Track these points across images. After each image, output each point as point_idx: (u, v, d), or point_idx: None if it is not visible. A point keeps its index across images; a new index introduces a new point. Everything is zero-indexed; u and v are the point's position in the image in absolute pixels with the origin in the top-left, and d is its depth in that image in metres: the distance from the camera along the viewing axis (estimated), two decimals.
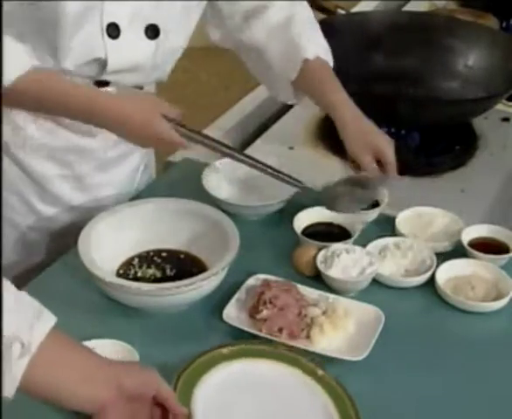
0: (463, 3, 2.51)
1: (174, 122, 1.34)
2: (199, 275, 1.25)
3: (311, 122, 1.86)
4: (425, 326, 1.29)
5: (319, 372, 1.14)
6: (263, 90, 1.99)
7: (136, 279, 1.31)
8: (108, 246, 1.32)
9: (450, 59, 1.94)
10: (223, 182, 1.52)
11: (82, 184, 1.49)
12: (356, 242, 1.40)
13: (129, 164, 1.55)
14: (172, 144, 1.35)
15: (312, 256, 1.35)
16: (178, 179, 1.62)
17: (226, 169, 1.55)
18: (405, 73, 1.93)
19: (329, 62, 1.55)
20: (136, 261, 1.35)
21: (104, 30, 1.31)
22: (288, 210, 1.48)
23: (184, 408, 1.04)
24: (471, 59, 1.92)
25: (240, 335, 1.23)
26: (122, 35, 1.33)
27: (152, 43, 1.37)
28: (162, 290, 1.24)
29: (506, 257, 1.40)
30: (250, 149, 1.75)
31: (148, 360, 1.14)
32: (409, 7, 2.53)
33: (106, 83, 1.39)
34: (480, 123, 1.85)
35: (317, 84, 1.52)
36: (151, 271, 1.33)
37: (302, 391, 1.12)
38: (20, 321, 0.93)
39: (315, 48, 1.53)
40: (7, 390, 0.91)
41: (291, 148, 1.76)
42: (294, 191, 1.49)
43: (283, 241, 1.43)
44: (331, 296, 1.30)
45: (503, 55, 1.86)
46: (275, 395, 1.12)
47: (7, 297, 0.94)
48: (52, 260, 1.40)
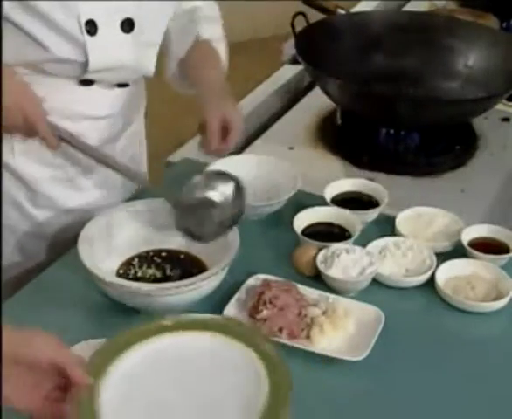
0: (463, 3, 2.51)
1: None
2: (199, 275, 1.25)
3: (311, 122, 1.86)
4: (425, 326, 1.29)
5: (261, 345, 1.08)
6: (263, 90, 1.99)
7: (136, 279, 1.31)
8: (108, 246, 1.32)
9: (450, 59, 1.94)
10: None
11: (74, 186, 1.47)
12: (356, 242, 1.40)
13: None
14: (40, 133, 1.31)
15: (312, 256, 1.35)
16: (178, 179, 1.62)
17: (226, 169, 1.55)
18: (405, 73, 1.93)
19: (221, 52, 1.55)
20: (136, 261, 1.35)
21: (83, 27, 1.31)
22: (288, 210, 1.48)
23: (87, 377, 0.99)
24: (471, 59, 1.92)
25: None
26: (100, 31, 1.32)
27: (128, 37, 1.36)
28: (162, 290, 1.24)
29: (506, 257, 1.40)
30: (250, 149, 1.75)
31: None
32: (409, 7, 2.53)
33: (90, 82, 1.38)
34: (480, 123, 1.85)
35: (196, 58, 1.53)
36: (151, 271, 1.33)
37: (237, 361, 1.07)
38: None
39: (209, 33, 1.54)
40: None
41: (291, 148, 1.76)
42: (294, 191, 1.49)
43: (283, 241, 1.43)
44: (331, 296, 1.30)
45: (503, 55, 1.86)
46: (198, 368, 1.07)
47: None
48: (52, 260, 1.40)
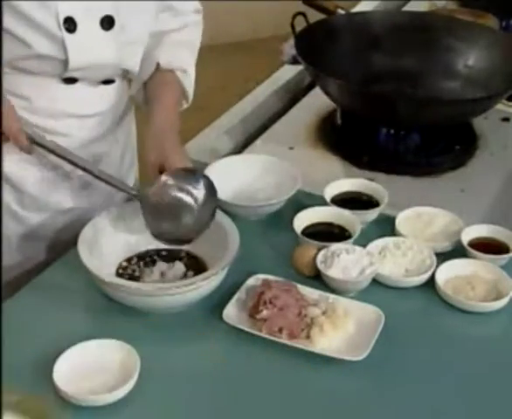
0: (463, 3, 2.51)
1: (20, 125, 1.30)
2: (199, 275, 1.25)
3: (311, 122, 1.86)
4: (425, 326, 1.29)
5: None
6: (263, 90, 1.99)
7: (136, 279, 1.31)
8: (108, 246, 1.32)
9: (450, 59, 1.93)
10: (223, 182, 1.52)
11: (61, 187, 1.45)
12: (356, 242, 1.40)
13: (107, 164, 1.49)
14: (12, 134, 1.29)
15: (312, 256, 1.35)
16: None
17: (226, 169, 1.55)
18: (405, 73, 1.93)
19: (184, 84, 1.51)
20: (136, 261, 1.35)
21: (61, 25, 1.30)
22: (288, 210, 1.48)
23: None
24: (471, 59, 1.92)
25: (240, 335, 1.23)
26: (79, 28, 1.31)
27: (108, 34, 1.35)
28: (161, 290, 1.24)
29: (506, 257, 1.40)
30: (250, 149, 1.76)
31: (148, 360, 1.15)
32: (409, 7, 2.53)
33: (74, 80, 1.37)
34: (480, 123, 1.85)
35: (151, 92, 1.48)
36: (151, 271, 1.33)
37: None
38: None
39: (176, 63, 1.50)
40: None
41: (291, 148, 1.76)
42: (294, 191, 1.49)
43: (283, 241, 1.43)
44: (331, 296, 1.30)
45: (503, 55, 1.86)
46: None
47: None
48: (52, 261, 1.40)
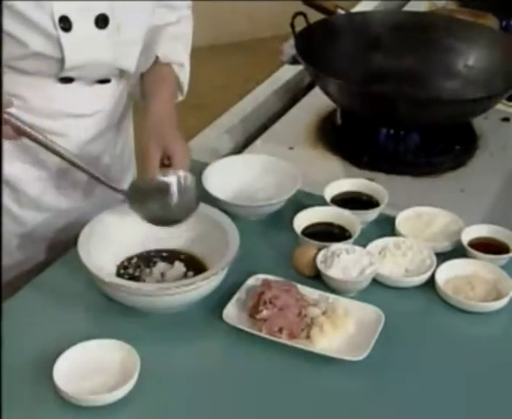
0: (463, 3, 2.51)
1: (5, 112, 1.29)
2: (199, 275, 1.25)
3: (311, 122, 1.86)
4: (425, 326, 1.30)
5: None
6: (263, 90, 1.99)
7: (136, 279, 1.31)
8: (108, 246, 1.32)
9: (450, 59, 1.93)
10: (223, 182, 1.52)
11: (60, 185, 1.45)
12: (356, 242, 1.40)
13: (99, 165, 1.49)
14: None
15: (312, 256, 1.35)
16: None
17: (226, 169, 1.55)
18: (405, 73, 1.93)
19: (181, 77, 1.53)
20: (136, 261, 1.35)
21: (56, 24, 1.30)
22: (288, 210, 1.48)
23: None
24: (471, 59, 1.92)
25: (240, 335, 1.23)
26: (74, 27, 1.31)
27: (103, 33, 1.35)
28: (161, 290, 1.24)
29: (506, 257, 1.40)
30: (250, 149, 1.75)
31: (148, 360, 1.15)
32: (409, 7, 2.53)
33: (70, 79, 1.37)
34: (480, 123, 1.85)
35: (149, 84, 1.49)
36: (151, 271, 1.33)
37: None
38: None
39: (174, 56, 1.52)
40: None
41: (291, 148, 1.76)
42: (294, 191, 1.49)
43: (283, 241, 1.43)
44: (331, 296, 1.30)
45: (503, 55, 1.86)
46: None
47: None
48: (52, 260, 1.40)
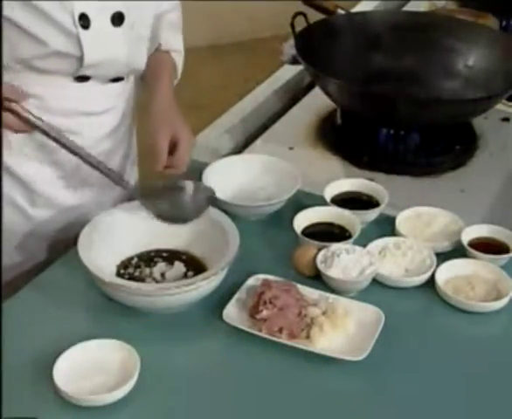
0: (463, 3, 2.51)
1: (18, 104, 1.32)
2: (199, 275, 1.25)
3: (311, 122, 1.86)
4: (425, 326, 1.30)
5: None
6: (263, 90, 1.99)
7: (136, 279, 1.31)
8: (108, 246, 1.32)
9: (450, 59, 1.93)
10: (223, 182, 1.52)
11: (70, 184, 1.47)
12: (356, 242, 1.40)
13: (111, 162, 1.51)
14: (6, 124, 1.32)
15: (312, 256, 1.35)
16: (178, 179, 1.62)
17: (226, 169, 1.55)
18: (405, 73, 1.93)
19: (178, 64, 1.57)
20: (136, 261, 1.35)
21: (76, 21, 1.32)
22: (288, 210, 1.48)
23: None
24: (471, 59, 1.92)
25: (240, 335, 1.23)
26: (93, 24, 1.34)
27: (119, 30, 1.38)
28: (161, 290, 1.24)
29: (506, 257, 1.40)
30: (250, 149, 1.75)
31: (148, 360, 1.15)
32: (409, 7, 2.53)
33: (86, 78, 1.39)
34: (480, 123, 1.85)
35: (152, 70, 1.52)
36: (151, 271, 1.33)
37: None
38: None
39: (174, 44, 1.57)
40: None
41: (291, 148, 1.76)
42: (294, 191, 1.49)
43: (283, 241, 1.43)
44: (331, 296, 1.30)
45: (503, 55, 1.86)
46: None
47: None
48: (52, 260, 1.40)
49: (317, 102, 1.90)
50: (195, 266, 1.33)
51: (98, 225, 1.33)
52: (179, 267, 1.33)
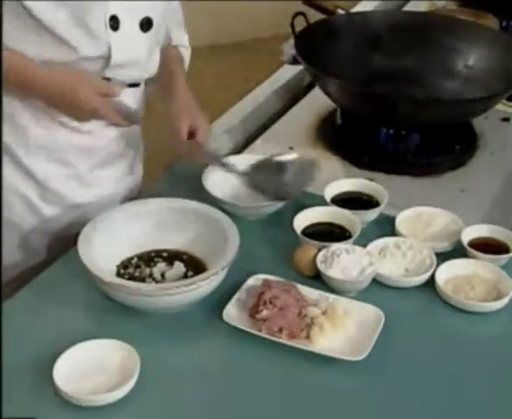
0: (463, 3, 2.51)
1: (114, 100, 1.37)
2: (199, 275, 1.25)
3: (311, 122, 1.86)
4: (425, 326, 1.30)
5: None
6: (263, 90, 1.99)
7: (136, 279, 1.31)
8: (108, 246, 1.32)
9: (450, 59, 1.93)
10: (223, 182, 1.52)
11: (81, 182, 1.49)
12: (356, 242, 1.40)
13: (125, 162, 1.56)
14: (107, 118, 1.37)
15: (312, 256, 1.35)
16: (178, 179, 1.62)
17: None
18: (405, 73, 1.93)
19: (186, 59, 1.64)
20: (136, 261, 1.35)
21: (107, 22, 1.34)
22: (288, 210, 1.48)
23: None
24: (471, 59, 1.92)
25: (240, 335, 1.23)
26: (121, 27, 1.36)
27: (145, 36, 1.41)
28: (161, 290, 1.24)
29: (506, 257, 1.40)
30: (250, 149, 1.75)
31: (148, 360, 1.15)
32: (409, 7, 2.53)
33: (107, 79, 1.40)
34: (480, 123, 1.85)
35: (168, 64, 1.57)
36: (151, 271, 1.33)
37: None
38: None
39: (183, 41, 1.63)
40: None
41: (291, 148, 1.76)
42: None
43: (283, 241, 1.43)
44: (331, 296, 1.30)
45: (503, 55, 1.86)
46: None
47: None
48: (53, 260, 1.40)
49: (317, 102, 1.90)
50: (195, 266, 1.33)
51: (98, 225, 1.33)
52: (179, 267, 1.33)
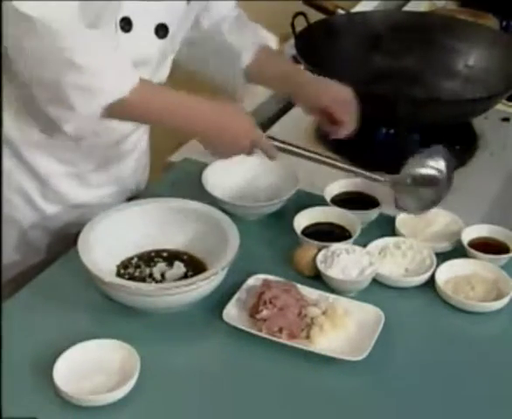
0: (463, 3, 2.51)
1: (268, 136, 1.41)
2: (199, 275, 1.25)
3: (311, 122, 1.86)
4: (425, 326, 1.30)
5: None
6: (263, 90, 1.99)
7: (136, 279, 1.31)
8: (108, 246, 1.32)
9: (450, 59, 1.93)
10: (223, 182, 1.52)
11: (84, 182, 1.49)
12: (356, 242, 1.40)
13: (128, 163, 1.56)
14: (265, 149, 1.40)
15: (312, 256, 1.35)
16: (178, 179, 1.62)
17: (226, 169, 1.55)
18: (405, 73, 1.93)
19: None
20: (136, 261, 1.35)
21: (117, 23, 1.33)
22: (288, 210, 1.48)
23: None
24: (471, 59, 1.92)
25: (240, 335, 1.23)
26: (134, 29, 1.35)
27: (160, 42, 1.39)
28: (161, 290, 1.24)
29: (506, 257, 1.40)
30: None
31: (148, 360, 1.15)
32: (409, 7, 2.53)
33: None
34: (480, 123, 1.85)
35: (271, 66, 1.58)
36: (151, 272, 1.33)
37: None
38: None
39: (267, 36, 1.61)
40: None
41: None
42: (294, 191, 1.49)
43: (283, 241, 1.43)
44: (331, 296, 1.30)
45: (503, 55, 1.86)
46: None
47: None
48: (53, 260, 1.40)
49: None
50: (195, 266, 1.33)
51: (98, 225, 1.33)
52: (179, 267, 1.33)
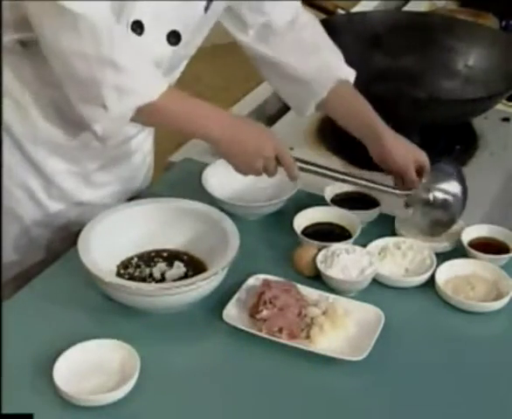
0: (463, 3, 2.51)
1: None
2: (199, 275, 1.25)
3: (311, 122, 1.86)
4: (425, 326, 1.30)
5: None
6: (263, 90, 1.99)
7: (136, 279, 1.31)
8: (108, 246, 1.32)
9: (450, 59, 1.93)
10: (223, 182, 1.52)
11: (88, 181, 1.50)
12: (356, 242, 1.40)
13: (132, 163, 1.57)
14: (288, 165, 1.38)
15: (312, 256, 1.35)
16: (178, 179, 1.62)
17: (226, 169, 1.55)
18: (405, 73, 1.93)
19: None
20: (136, 261, 1.35)
21: (129, 26, 1.33)
22: (288, 210, 1.48)
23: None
24: (471, 59, 1.92)
25: (240, 335, 1.23)
26: (145, 33, 1.34)
27: (172, 49, 1.39)
28: (162, 290, 1.24)
29: (506, 257, 1.40)
30: None
31: (148, 360, 1.15)
32: (409, 7, 2.53)
33: None
34: (480, 123, 1.85)
35: (349, 104, 1.55)
36: (151, 271, 1.33)
37: None
38: None
39: (347, 71, 1.57)
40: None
41: (291, 149, 1.76)
42: (294, 191, 1.49)
43: (283, 241, 1.43)
44: (331, 296, 1.30)
45: (503, 55, 1.86)
46: None
47: None
48: (53, 259, 1.40)
49: None
50: (195, 266, 1.33)
51: (98, 225, 1.33)
52: (179, 267, 1.33)
